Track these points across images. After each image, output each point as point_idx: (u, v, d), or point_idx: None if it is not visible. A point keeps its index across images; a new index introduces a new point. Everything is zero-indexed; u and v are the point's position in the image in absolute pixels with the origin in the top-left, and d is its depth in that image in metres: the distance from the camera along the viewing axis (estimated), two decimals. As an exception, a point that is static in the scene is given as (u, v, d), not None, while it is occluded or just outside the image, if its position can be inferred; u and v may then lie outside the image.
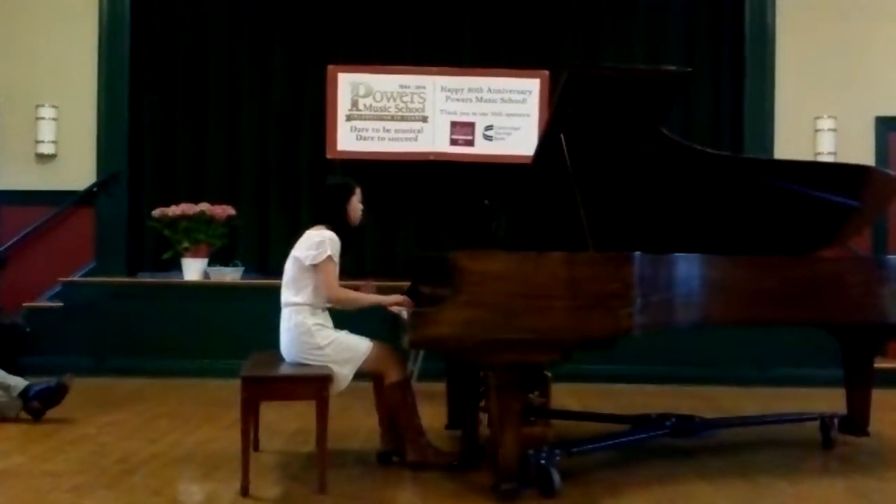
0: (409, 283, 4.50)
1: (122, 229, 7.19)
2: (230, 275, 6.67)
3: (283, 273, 3.86)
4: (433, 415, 4.37)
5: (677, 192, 4.04)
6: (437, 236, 7.18)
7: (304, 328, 3.70)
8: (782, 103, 7.31)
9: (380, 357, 3.73)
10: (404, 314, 3.63)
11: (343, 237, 3.79)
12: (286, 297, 3.80)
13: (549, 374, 4.67)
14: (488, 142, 7.25)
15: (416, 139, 7.22)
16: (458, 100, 7.23)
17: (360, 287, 4.05)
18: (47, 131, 7.10)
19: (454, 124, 7.24)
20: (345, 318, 3.87)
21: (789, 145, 7.20)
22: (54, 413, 4.68)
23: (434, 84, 7.23)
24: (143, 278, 6.96)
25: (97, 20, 7.16)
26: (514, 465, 3.34)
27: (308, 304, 3.73)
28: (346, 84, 7.19)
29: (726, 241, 4.10)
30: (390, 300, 3.86)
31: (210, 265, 6.73)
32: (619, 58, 7.39)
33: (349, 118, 7.20)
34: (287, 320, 3.77)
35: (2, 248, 6.97)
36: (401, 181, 7.37)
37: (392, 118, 7.22)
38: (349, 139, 7.19)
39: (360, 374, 3.76)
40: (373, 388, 3.89)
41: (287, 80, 7.53)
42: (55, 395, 4.67)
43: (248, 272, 6.89)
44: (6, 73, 7.13)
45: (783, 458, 4.16)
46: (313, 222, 3.88)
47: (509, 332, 3.24)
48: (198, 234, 6.62)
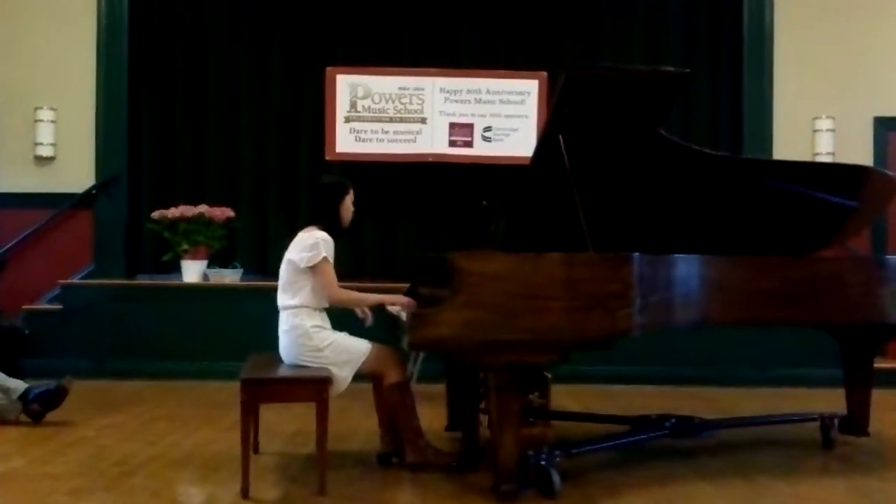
0: (409, 284, 4.50)
1: (121, 231, 7.19)
2: (229, 277, 6.67)
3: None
4: (433, 416, 4.37)
5: (676, 192, 4.05)
6: (436, 237, 7.18)
7: (303, 330, 3.69)
8: (781, 104, 7.32)
9: (379, 358, 3.73)
10: (404, 315, 3.63)
11: (335, 237, 3.78)
12: (283, 300, 3.80)
13: (549, 376, 4.67)
14: (487, 143, 7.25)
15: (414, 141, 7.22)
16: (457, 101, 7.24)
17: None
18: (46, 134, 7.10)
19: (453, 126, 7.24)
20: (343, 319, 3.87)
21: (788, 146, 7.20)
22: (54, 416, 4.68)
23: (433, 85, 7.23)
24: (142, 280, 6.96)
25: (96, 22, 7.16)
26: (514, 466, 3.34)
27: (305, 307, 3.72)
28: (345, 86, 7.20)
29: (725, 241, 4.10)
30: (392, 299, 3.86)
31: (209, 267, 6.73)
32: (618, 58, 7.39)
33: (348, 120, 7.20)
34: (285, 323, 3.76)
35: (1, 251, 6.96)
36: (400, 183, 7.37)
37: (391, 120, 7.22)
38: (348, 141, 7.19)
39: (360, 376, 3.76)
40: (372, 390, 3.89)
41: (286, 81, 7.53)
42: (55, 398, 4.67)
43: (248, 274, 6.88)
44: (5, 76, 7.12)
45: (783, 459, 4.16)
46: (306, 223, 3.88)
47: (508, 332, 3.24)
48: (197, 236, 6.62)
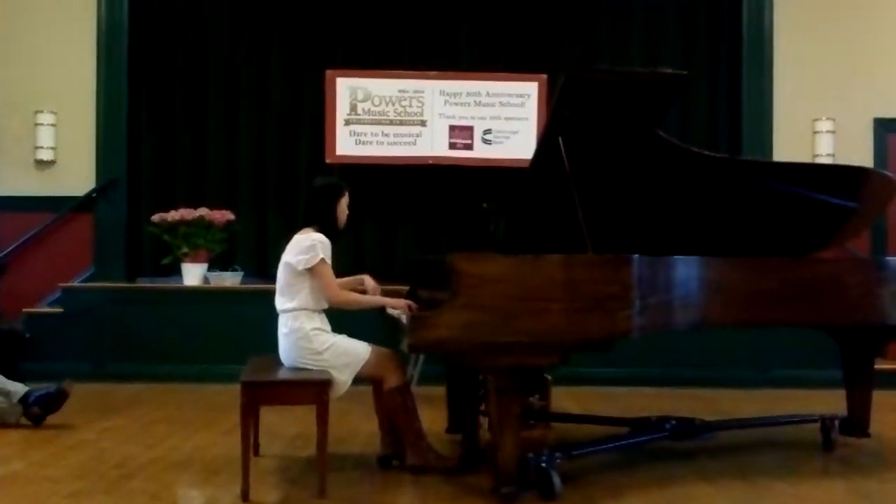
0: (408, 286, 4.50)
1: (121, 235, 7.19)
2: (230, 279, 6.68)
3: (281, 278, 3.85)
4: (433, 418, 4.37)
5: (675, 194, 4.05)
6: (436, 240, 7.19)
7: (302, 333, 3.69)
8: (780, 105, 7.32)
9: (378, 362, 3.73)
10: (403, 318, 3.63)
11: (331, 239, 3.78)
12: (281, 303, 3.80)
13: (549, 378, 4.67)
14: (487, 145, 7.25)
15: (414, 143, 7.23)
16: (457, 104, 7.24)
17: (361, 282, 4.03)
18: (46, 137, 7.10)
19: (453, 128, 7.25)
20: (343, 321, 3.87)
21: (788, 147, 7.20)
22: (54, 419, 4.68)
23: (432, 88, 7.23)
24: (142, 283, 6.96)
25: (96, 26, 7.17)
26: (514, 469, 3.34)
27: (304, 309, 3.72)
28: (345, 89, 7.20)
29: (725, 242, 4.10)
30: (392, 302, 3.85)
31: (209, 270, 6.73)
32: (617, 60, 7.39)
33: (348, 122, 7.20)
34: (284, 326, 3.76)
35: (1, 254, 6.97)
36: (400, 185, 7.38)
37: (391, 122, 7.23)
38: (348, 144, 7.19)
39: (360, 379, 3.76)
40: (372, 393, 3.89)
41: (285, 84, 7.53)
42: (55, 401, 4.67)
43: (248, 277, 6.89)
44: (5, 79, 7.13)
45: (783, 460, 4.16)
46: (301, 224, 3.88)
47: (508, 334, 3.24)
48: (197, 239, 6.63)
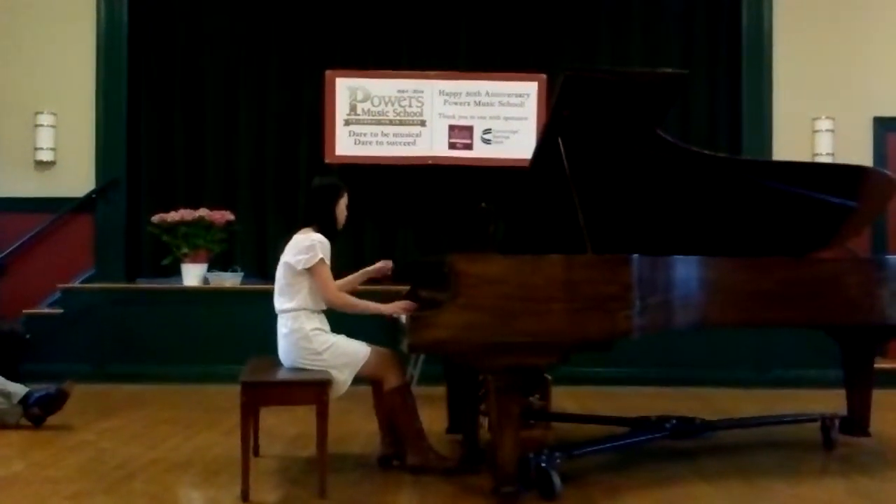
0: (408, 287, 4.50)
1: (121, 235, 7.19)
2: (230, 280, 6.68)
3: (281, 278, 3.85)
4: (433, 419, 4.37)
5: (675, 194, 4.05)
6: (436, 240, 7.19)
7: (302, 333, 3.69)
8: (780, 104, 7.31)
9: (378, 362, 3.73)
10: (403, 318, 3.62)
11: (330, 239, 3.78)
12: (280, 303, 3.80)
13: (549, 377, 4.68)
14: (487, 145, 7.25)
15: (414, 143, 7.22)
16: (456, 103, 7.24)
17: (379, 269, 4.08)
18: (46, 138, 7.11)
19: (452, 128, 7.25)
20: (343, 321, 3.87)
21: (787, 146, 7.20)
22: (54, 420, 4.68)
23: (432, 88, 7.23)
24: (142, 284, 6.95)
25: (95, 27, 7.18)
26: (514, 468, 3.34)
27: (304, 309, 3.72)
28: (344, 89, 7.20)
29: (724, 242, 4.10)
30: (390, 308, 3.79)
31: (209, 270, 6.74)
32: (617, 60, 7.39)
33: (347, 123, 7.20)
34: (284, 326, 3.76)
35: (1, 255, 6.97)
36: (399, 185, 7.37)
37: (390, 122, 7.23)
38: (347, 144, 7.19)
39: (360, 379, 3.76)
40: (372, 393, 3.89)
41: (284, 85, 7.53)
42: (55, 402, 4.67)
43: (248, 277, 6.89)
44: (5, 81, 7.13)
45: (783, 460, 4.16)
46: (301, 224, 3.88)
47: (507, 335, 3.24)
48: (197, 239, 6.63)
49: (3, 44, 7.16)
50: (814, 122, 7.28)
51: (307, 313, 3.73)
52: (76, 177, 7.13)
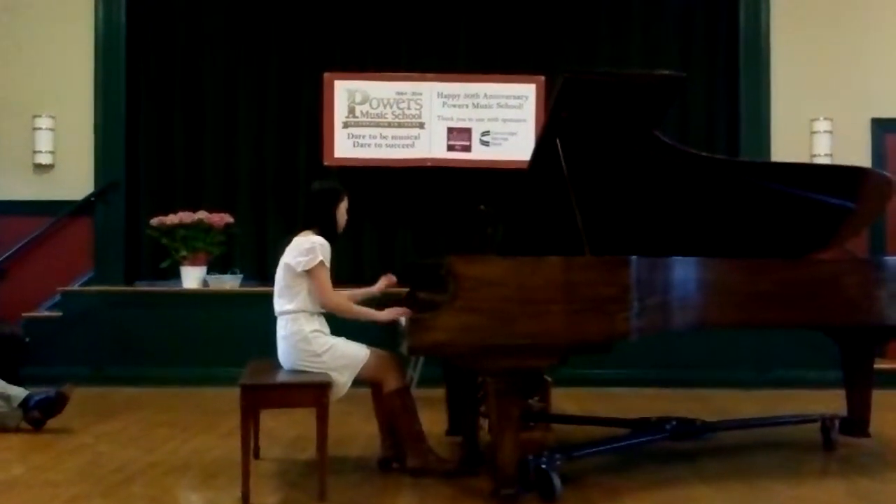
0: (407, 289, 4.50)
1: (120, 238, 7.20)
2: (229, 282, 6.67)
3: (280, 281, 3.85)
4: (433, 421, 4.36)
5: (673, 195, 4.05)
6: (435, 242, 7.19)
7: (302, 335, 3.69)
8: (778, 106, 7.32)
9: (378, 365, 3.73)
10: (402, 321, 3.62)
11: (331, 241, 3.77)
12: (280, 305, 3.79)
13: (549, 379, 4.67)
14: (485, 147, 7.26)
15: (413, 145, 7.23)
16: (455, 106, 7.25)
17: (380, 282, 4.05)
18: (45, 141, 7.11)
19: (451, 130, 7.25)
20: (342, 324, 3.86)
21: (785, 148, 7.21)
22: (54, 423, 4.68)
23: (430, 90, 7.24)
24: (141, 287, 6.95)
25: (93, 30, 7.18)
26: (514, 470, 3.34)
27: (303, 311, 3.72)
28: (343, 91, 7.20)
29: (723, 243, 4.10)
30: (386, 316, 3.76)
31: (208, 273, 6.73)
32: (615, 62, 7.40)
33: (346, 125, 7.20)
34: (283, 328, 3.76)
35: (1, 259, 6.97)
36: (398, 187, 7.38)
37: (389, 125, 7.23)
38: (346, 146, 7.20)
39: (359, 381, 3.76)
40: (371, 395, 3.89)
41: (283, 87, 7.54)
42: (55, 405, 4.67)
43: (247, 280, 6.89)
44: (3, 84, 7.14)
45: (783, 461, 4.16)
46: (301, 227, 3.87)
47: (506, 337, 3.24)
48: (196, 242, 6.63)
49: (1, 47, 7.16)
50: (812, 124, 7.28)
51: (307, 315, 3.72)
52: (75, 180, 7.13)
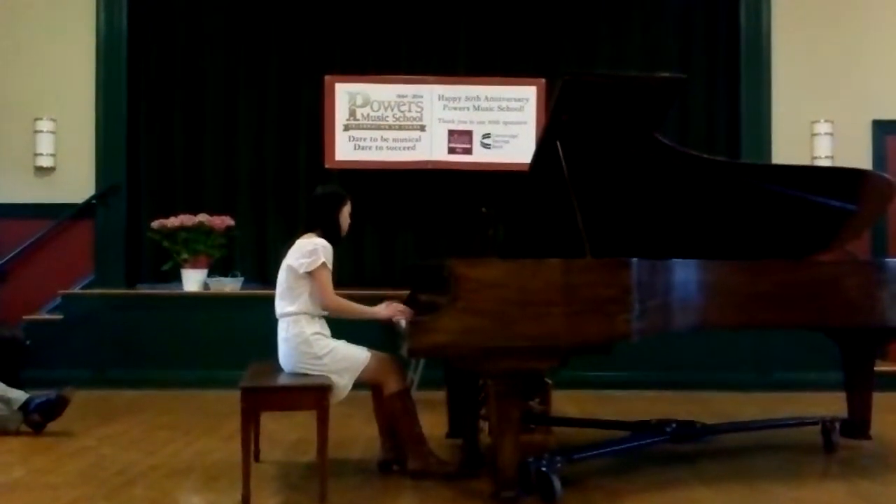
0: (408, 291, 4.50)
1: (121, 241, 7.20)
2: (229, 285, 6.68)
3: (281, 283, 3.85)
4: (434, 423, 4.36)
5: (674, 197, 4.05)
6: (436, 244, 7.20)
7: (303, 338, 3.69)
8: (779, 108, 7.32)
9: (378, 367, 3.73)
10: (402, 323, 3.62)
11: (334, 245, 3.78)
12: (281, 307, 3.79)
13: (550, 382, 4.68)
14: (486, 150, 7.27)
15: (414, 148, 7.24)
16: (456, 108, 7.26)
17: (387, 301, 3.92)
18: (46, 144, 7.11)
19: (452, 133, 7.26)
20: (343, 326, 3.87)
21: (786, 150, 7.20)
22: (54, 426, 4.68)
23: (431, 93, 7.25)
24: (142, 290, 6.96)
25: (94, 34, 7.19)
26: (514, 473, 3.34)
27: (305, 313, 3.72)
28: (344, 94, 7.22)
29: (724, 245, 4.10)
30: (386, 313, 3.77)
31: (209, 276, 6.74)
32: (615, 64, 7.40)
33: (347, 128, 7.21)
34: (285, 330, 3.76)
35: (1, 262, 6.97)
36: (399, 190, 7.39)
37: (390, 127, 7.24)
38: (347, 149, 7.21)
39: (360, 383, 3.76)
40: (372, 398, 3.89)
41: (284, 90, 7.54)
42: (56, 408, 4.67)
43: (248, 282, 6.89)
44: (5, 86, 7.15)
45: (784, 463, 4.15)
46: (304, 230, 3.88)
47: (507, 339, 3.24)
48: (197, 244, 6.63)
49: (2, 49, 7.17)
50: (813, 125, 7.28)
51: (308, 317, 3.72)
52: (76, 182, 7.14)
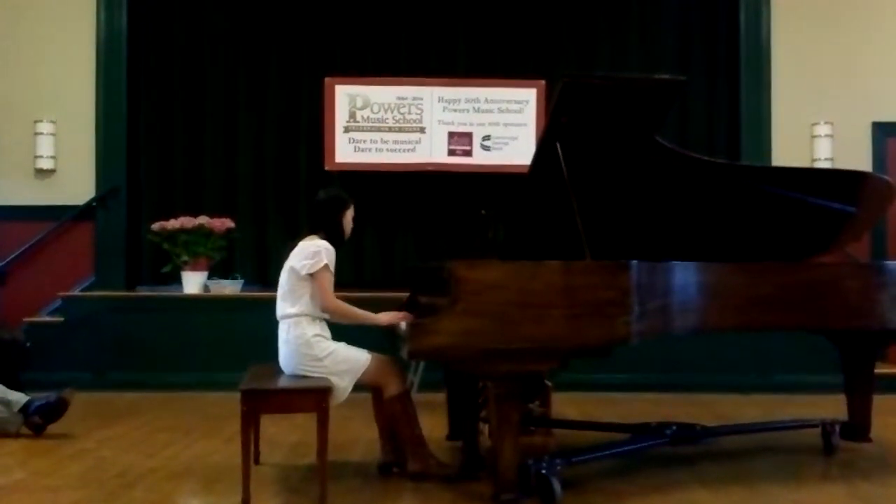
0: (408, 293, 4.50)
1: (121, 243, 7.21)
2: (229, 287, 6.68)
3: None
4: (434, 425, 4.37)
5: (674, 199, 4.05)
6: (436, 246, 7.20)
7: (304, 340, 3.69)
8: (779, 110, 7.32)
9: (379, 369, 3.73)
10: (402, 325, 3.62)
11: (336, 248, 3.78)
12: (282, 308, 3.79)
13: (550, 384, 4.67)
14: (486, 152, 7.27)
15: (414, 150, 7.24)
16: (456, 110, 7.26)
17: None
18: (46, 146, 7.12)
19: (452, 135, 7.27)
20: (343, 328, 3.87)
21: (786, 152, 7.20)
22: (54, 428, 4.68)
23: (431, 95, 7.25)
24: (142, 292, 6.97)
25: (94, 36, 7.20)
26: (514, 475, 3.34)
27: (306, 315, 3.72)
28: (344, 96, 7.23)
29: (724, 248, 4.10)
30: (386, 319, 3.76)
31: (209, 278, 6.74)
32: (615, 65, 7.41)
33: (347, 130, 7.22)
34: (285, 332, 3.76)
35: (2, 264, 6.97)
36: (399, 192, 7.39)
37: (390, 129, 7.24)
38: (347, 151, 7.22)
39: (360, 386, 3.76)
40: (372, 400, 3.89)
41: (284, 92, 7.55)
42: (56, 410, 4.67)
43: (248, 285, 6.89)
44: (5, 89, 7.15)
45: (784, 465, 4.15)
46: (307, 232, 3.88)
47: (507, 341, 3.24)
48: (197, 247, 6.63)
49: (2, 51, 7.18)
50: (813, 128, 7.28)
51: (309, 319, 3.72)
52: (76, 185, 7.14)
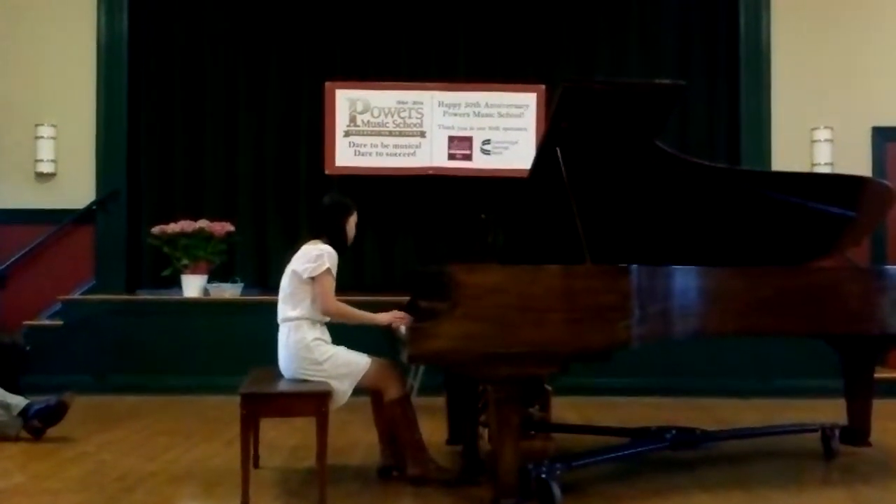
0: (408, 297, 4.50)
1: (121, 247, 7.21)
2: (230, 291, 6.68)
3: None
4: (434, 429, 4.36)
5: (674, 204, 4.06)
6: (436, 250, 7.20)
7: (304, 343, 3.69)
8: (779, 114, 7.33)
9: (378, 373, 3.73)
10: (402, 328, 3.63)
11: (339, 253, 3.78)
12: (284, 312, 3.80)
13: (550, 388, 4.68)
14: (486, 156, 7.28)
15: (414, 154, 7.25)
16: (456, 115, 7.27)
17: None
18: (46, 150, 7.13)
19: (452, 139, 7.27)
20: (344, 332, 3.87)
21: (786, 156, 7.21)
22: (54, 431, 4.68)
23: (431, 99, 7.26)
24: (142, 295, 6.96)
25: (95, 39, 7.21)
26: (514, 479, 3.34)
27: (306, 318, 3.72)
28: (344, 100, 7.23)
29: (724, 252, 4.10)
30: (386, 319, 3.78)
31: (209, 282, 6.74)
32: (615, 70, 7.42)
33: (347, 134, 7.23)
34: (286, 336, 3.76)
35: (2, 267, 6.98)
36: (399, 196, 7.40)
37: (390, 133, 7.25)
38: (347, 155, 7.22)
39: (360, 390, 3.76)
40: (371, 404, 3.89)
41: (284, 96, 7.56)
42: (55, 414, 4.67)
43: (248, 288, 6.90)
44: (5, 92, 7.16)
45: (784, 470, 4.15)
46: (310, 236, 3.89)
47: (507, 345, 3.24)
48: (197, 250, 6.63)
49: (3, 55, 7.19)
50: (812, 132, 7.29)
51: (309, 323, 3.73)
52: (77, 188, 7.15)
